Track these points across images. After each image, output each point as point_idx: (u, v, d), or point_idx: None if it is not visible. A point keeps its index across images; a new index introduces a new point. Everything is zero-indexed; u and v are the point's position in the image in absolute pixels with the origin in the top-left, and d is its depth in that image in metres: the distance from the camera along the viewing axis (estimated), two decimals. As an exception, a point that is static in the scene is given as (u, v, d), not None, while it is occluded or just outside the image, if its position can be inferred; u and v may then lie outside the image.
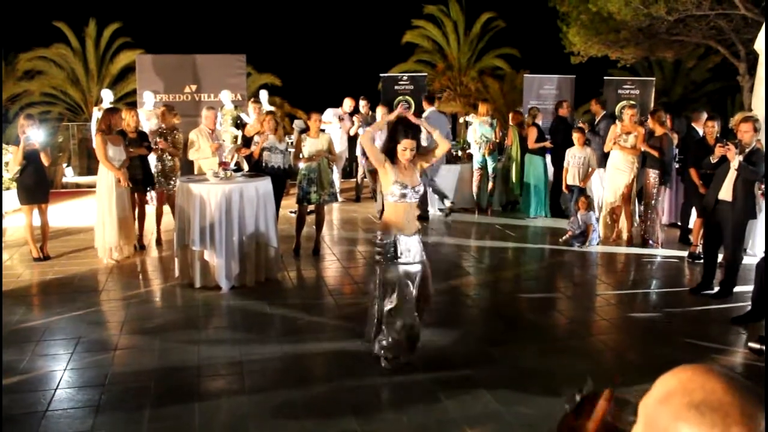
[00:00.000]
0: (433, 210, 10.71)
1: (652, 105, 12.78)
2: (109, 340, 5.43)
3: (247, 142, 8.20)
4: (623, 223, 8.85)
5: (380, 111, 10.44)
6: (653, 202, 8.34)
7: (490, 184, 10.68)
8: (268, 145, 8.07)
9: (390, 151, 4.55)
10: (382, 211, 9.03)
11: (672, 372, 1.08)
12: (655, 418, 1.05)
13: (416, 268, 4.58)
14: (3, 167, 9.80)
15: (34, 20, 21.35)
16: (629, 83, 13.65)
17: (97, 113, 10.37)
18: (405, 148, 4.45)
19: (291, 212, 9.40)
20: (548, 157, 10.56)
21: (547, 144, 10.14)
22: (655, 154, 8.16)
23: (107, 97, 12.03)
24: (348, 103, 11.68)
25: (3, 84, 20.79)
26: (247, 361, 4.95)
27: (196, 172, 8.74)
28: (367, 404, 4.27)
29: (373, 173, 9.70)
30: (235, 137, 9.76)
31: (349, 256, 8.32)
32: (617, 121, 9.06)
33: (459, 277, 7.37)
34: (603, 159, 9.24)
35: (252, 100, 10.45)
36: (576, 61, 15.98)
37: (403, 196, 4.47)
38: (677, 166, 9.11)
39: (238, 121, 10.75)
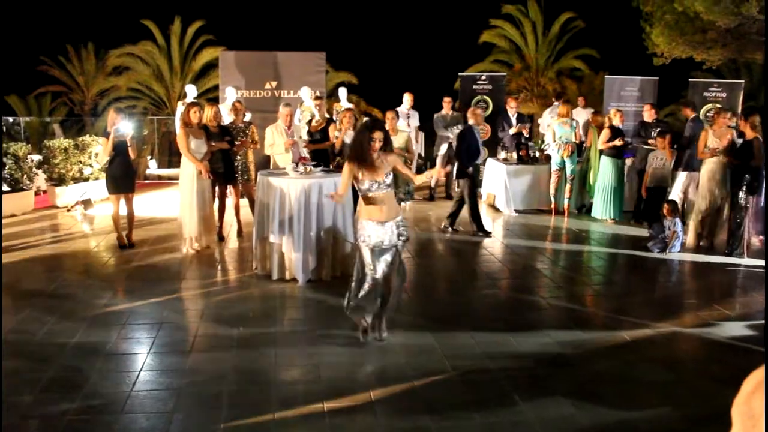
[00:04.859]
0: (509, 210, 10.61)
1: (740, 109, 12.28)
2: (189, 326, 5.62)
3: (315, 137, 8.53)
4: (708, 230, 8.57)
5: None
6: (742, 209, 8.01)
7: (568, 186, 10.50)
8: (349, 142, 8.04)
9: (359, 152, 4.97)
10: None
11: (754, 371, 1.13)
12: (750, 410, 1.12)
13: (386, 250, 5.02)
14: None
15: (124, 19, 22.20)
16: (716, 86, 13.16)
17: (181, 107, 10.70)
18: (374, 138, 4.93)
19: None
20: (628, 160, 10.38)
21: (617, 142, 9.82)
22: (735, 162, 7.93)
23: (191, 92, 12.41)
24: (408, 99, 11.74)
25: (94, 79, 21.81)
26: (323, 352, 5.02)
27: (271, 167, 8.94)
28: (440, 401, 4.26)
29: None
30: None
31: (424, 253, 8.32)
32: (707, 127, 8.74)
33: (533, 279, 7.27)
34: (696, 163, 8.94)
35: (316, 97, 10.52)
36: (659, 63, 15.48)
37: (368, 190, 4.95)
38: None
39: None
